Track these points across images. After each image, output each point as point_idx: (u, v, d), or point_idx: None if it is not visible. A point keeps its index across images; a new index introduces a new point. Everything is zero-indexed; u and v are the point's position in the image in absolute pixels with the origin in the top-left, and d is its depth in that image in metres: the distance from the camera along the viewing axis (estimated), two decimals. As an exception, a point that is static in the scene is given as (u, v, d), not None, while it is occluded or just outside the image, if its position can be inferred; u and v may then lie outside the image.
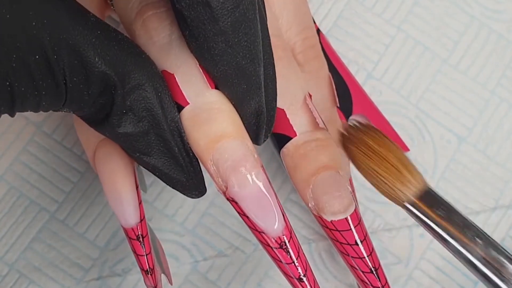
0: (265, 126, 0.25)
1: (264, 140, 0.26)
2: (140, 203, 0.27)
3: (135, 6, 0.25)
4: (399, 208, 0.36)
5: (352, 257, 0.26)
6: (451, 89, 0.37)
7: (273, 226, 0.24)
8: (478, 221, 0.36)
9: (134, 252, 0.27)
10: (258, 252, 0.35)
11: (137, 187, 0.27)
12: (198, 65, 0.24)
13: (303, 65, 0.30)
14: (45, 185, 0.36)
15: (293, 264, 0.25)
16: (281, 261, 0.25)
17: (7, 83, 0.20)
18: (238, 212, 0.25)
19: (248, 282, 0.35)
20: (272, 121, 0.25)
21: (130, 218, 0.27)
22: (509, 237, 0.36)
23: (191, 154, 0.25)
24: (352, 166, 0.35)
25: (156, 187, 0.36)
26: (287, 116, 0.27)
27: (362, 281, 0.26)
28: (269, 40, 0.24)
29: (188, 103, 0.24)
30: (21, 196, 0.36)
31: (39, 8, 0.21)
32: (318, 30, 0.35)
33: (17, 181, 0.36)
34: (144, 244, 0.27)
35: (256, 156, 0.24)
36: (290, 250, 0.25)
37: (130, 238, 0.27)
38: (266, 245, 0.25)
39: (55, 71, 0.21)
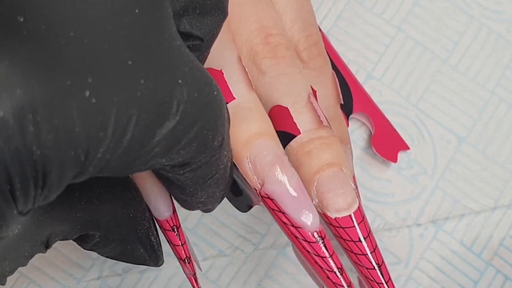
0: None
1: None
2: (170, 195, 0.28)
3: None
4: (399, 208, 0.36)
5: (355, 253, 0.26)
6: (450, 89, 0.38)
7: (311, 221, 0.25)
8: (478, 221, 0.36)
9: (170, 243, 0.29)
10: (258, 252, 0.35)
11: None
12: (242, 66, 0.26)
13: (307, 63, 0.30)
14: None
15: (330, 257, 0.26)
16: (318, 255, 0.26)
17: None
18: (272, 209, 0.25)
19: (248, 282, 0.35)
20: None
21: (164, 210, 0.28)
22: (509, 237, 0.36)
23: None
24: (354, 164, 0.35)
25: (157, 186, 0.36)
26: (291, 114, 0.27)
27: (366, 277, 0.26)
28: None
29: (234, 98, 0.26)
30: (21, 195, 0.36)
31: None
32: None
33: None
34: (179, 234, 0.29)
35: (287, 157, 0.26)
36: (326, 244, 0.26)
37: (165, 230, 0.29)
38: (302, 240, 0.26)
39: None
